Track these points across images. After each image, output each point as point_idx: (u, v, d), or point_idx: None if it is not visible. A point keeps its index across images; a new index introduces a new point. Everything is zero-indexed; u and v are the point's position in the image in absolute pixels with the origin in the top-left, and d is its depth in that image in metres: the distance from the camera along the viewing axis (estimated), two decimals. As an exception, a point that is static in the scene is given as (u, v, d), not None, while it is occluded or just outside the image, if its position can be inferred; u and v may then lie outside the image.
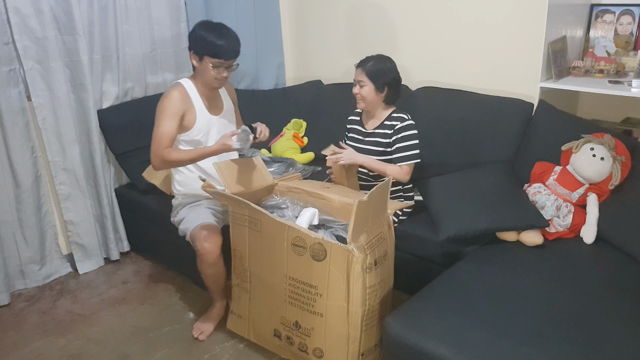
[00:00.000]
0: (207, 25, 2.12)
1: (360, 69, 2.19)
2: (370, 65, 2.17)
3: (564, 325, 1.54)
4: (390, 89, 2.20)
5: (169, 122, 2.10)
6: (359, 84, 2.20)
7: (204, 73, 2.14)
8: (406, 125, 2.18)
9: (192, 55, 2.14)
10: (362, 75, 2.18)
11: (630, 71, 2.41)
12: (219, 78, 2.14)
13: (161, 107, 2.12)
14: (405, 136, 2.18)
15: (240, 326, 2.18)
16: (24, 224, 2.56)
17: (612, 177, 2.04)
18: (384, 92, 2.19)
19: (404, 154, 2.18)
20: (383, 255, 1.84)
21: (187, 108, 2.16)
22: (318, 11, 3.28)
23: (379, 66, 2.17)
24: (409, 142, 2.18)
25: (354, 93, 2.23)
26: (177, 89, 2.15)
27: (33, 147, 2.52)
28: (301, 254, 1.80)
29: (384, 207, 1.88)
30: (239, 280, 2.11)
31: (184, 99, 2.15)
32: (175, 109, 2.12)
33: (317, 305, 1.82)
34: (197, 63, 2.14)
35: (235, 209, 2.01)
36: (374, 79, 2.16)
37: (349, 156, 2.17)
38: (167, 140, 2.09)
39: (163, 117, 2.10)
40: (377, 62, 2.18)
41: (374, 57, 2.21)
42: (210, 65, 2.10)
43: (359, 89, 2.20)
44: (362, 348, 1.82)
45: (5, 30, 2.32)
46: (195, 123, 2.19)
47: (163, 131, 2.09)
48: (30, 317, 2.44)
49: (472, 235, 2.02)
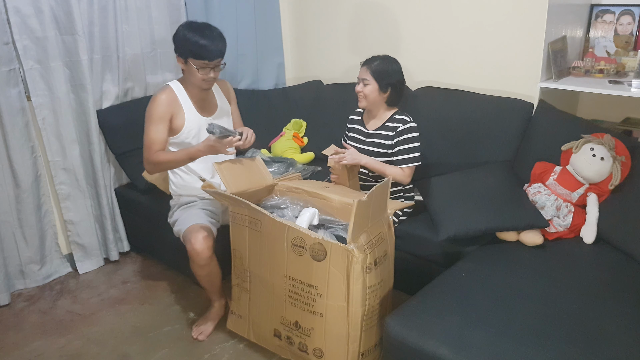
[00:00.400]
0: (190, 25, 2.09)
1: (366, 67, 2.18)
2: (376, 65, 2.17)
3: (564, 325, 1.54)
4: (394, 90, 2.20)
5: (156, 126, 2.10)
6: (362, 82, 2.19)
7: (190, 75, 2.12)
8: (408, 128, 2.18)
9: (178, 58, 2.12)
10: (367, 73, 2.17)
11: (630, 71, 2.41)
12: (206, 79, 2.12)
13: (148, 112, 2.11)
14: (407, 138, 2.17)
15: (240, 326, 2.18)
16: (23, 223, 2.56)
17: (612, 177, 2.04)
18: (387, 92, 2.19)
19: (406, 157, 2.17)
20: (383, 255, 1.84)
21: (175, 111, 2.14)
22: (318, 11, 3.28)
23: (384, 66, 2.17)
24: (411, 145, 2.17)
25: (356, 91, 2.22)
26: (165, 92, 2.14)
27: (33, 147, 2.52)
28: (301, 254, 1.80)
29: (384, 207, 1.88)
30: (239, 280, 2.11)
31: (171, 102, 2.13)
32: (161, 112, 2.10)
33: (317, 305, 1.82)
34: (183, 65, 2.12)
35: (235, 209, 2.01)
36: (379, 78, 2.16)
37: (352, 156, 2.17)
38: (156, 144, 2.09)
39: (150, 122, 2.10)
40: (383, 62, 2.18)
41: (380, 57, 2.20)
42: (194, 67, 2.07)
43: (362, 87, 2.19)
44: (362, 348, 1.82)
45: (5, 30, 2.32)
46: (184, 125, 2.17)
47: (151, 137, 2.10)
48: (30, 317, 2.44)
49: (472, 235, 2.02)
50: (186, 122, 2.17)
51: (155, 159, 2.10)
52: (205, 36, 2.05)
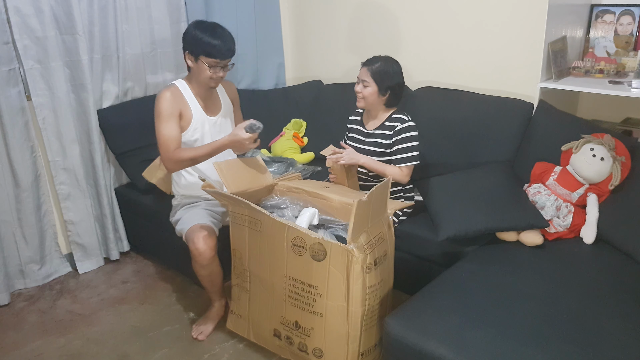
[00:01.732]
0: (201, 25, 2.12)
1: (366, 68, 2.18)
2: (377, 67, 2.16)
3: (564, 325, 1.54)
4: (393, 93, 2.19)
5: (168, 124, 2.10)
6: (362, 83, 2.18)
7: (199, 73, 2.14)
8: (406, 127, 2.18)
9: (188, 56, 2.14)
10: (367, 75, 2.16)
11: (630, 71, 2.41)
12: (214, 78, 2.14)
13: (157, 110, 2.11)
14: (405, 137, 2.18)
15: (240, 326, 2.18)
16: (23, 223, 2.56)
17: (612, 177, 2.04)
18: (386, 95, 2.19)
19: (404, 156, 2.17)
20: (383, 255, 1.84)
21: (182, 108, 2.16)
22: (318, 11, 3.28)
23: (385, 68, 2.16)
24: (409, 144, 2.18)
25: (355, 91, 2.22)
26: (170, 90, 2.15)
27: (33, 146, 2.52)
28: (301, 254, 1.80)
29: (384, 207, 1.88)
30: (239, 280, 2.11)
31: (176, 99, 2.15)
32: (170, 109, 2.11)
33: (317, 305, 1.82)
34: (193, 63, 2.14)
35: (235, 209, 2.01)
36: (379, 80, 2.15)
37: (349, 156, 2.17)
38: (173, 142, 2.10)
39: (161, 120, 2.10)
40: (384, 64, 2.17)
41: (381, 58, 2.19)
42: (206, 65, 2.10)
43: (361, 87, 2.19)
44: (362, 348, 1.82)
45: (5, 30, 2.32)
46: (191, 124, 2.19)
47: (165, 135, 2.10)
48: (30, 316, 2.44)
49: (472, 235, 2.02)
50: (193, 120, 2.18)
51: (177, 157, 2.09)
52: (217, 35, 2.08)
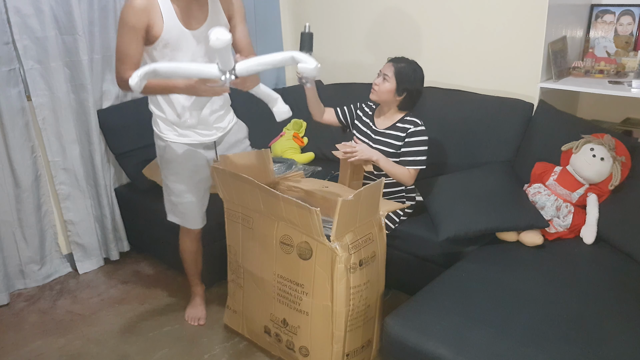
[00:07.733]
0: None
1: (392, 63, 2.17)
2: (402, 66, 2.15)
3: (564, 325, 1.54)
4: (409, 96, 2.17)
5: (128, 37, 1.81)
6: (383, 77, 2.17)
7: None
8: (420, 131, 2.17)
9: None
10: (391, 70, 2.15)
11: (630, 71, 2.41)
12: None
13: (121, 19, 1.81)
14: (416, 141, 2.16)
15: (235, 321, 2.20)
16: (23, 223, 2.56)
17: (612, 177, 2.04)
18: (401, 96, 2.17)
19: (412, 158, 2.16)
20: (371, 257, 1.83)
21: (152, 18, 1.82)
22: (318, 11, 3.27)
23: (409, 71, 2.15)
24: (419, 148, 2.16)
25: (373, 83, 2.20)
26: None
27: (33, 146, 2.52)
28: (289, 252, 1.81)
29: (376, 208, 1.86)
30: (234, 276, 2.12)
31: (147, 9, 1.80)
32: (135, 20, 1.79)
33: (303, 303, 1.82)
34: None
35: (230, 206, 2.02)
36: (399, 79, 2.13)
37: (363, 152, 2.11)
38: (129, 59, 1.82)
39: (122, 31, 1.81)
40: (409, 66, 2.16)
41: (409, 61, 2.18)
42: None
43: (381, 80, 2.17)
44: (346, 349, 1.82)
45: (5, 30, 2.32)
46: (161, 36, 1.84)
47: (123, 49, 1.82)
48: (30, 317, 2.44)
49: (472, 235, 2.02)
50: (163, 33, 1.84)
51: (125, 78, 1.78)
52: None
